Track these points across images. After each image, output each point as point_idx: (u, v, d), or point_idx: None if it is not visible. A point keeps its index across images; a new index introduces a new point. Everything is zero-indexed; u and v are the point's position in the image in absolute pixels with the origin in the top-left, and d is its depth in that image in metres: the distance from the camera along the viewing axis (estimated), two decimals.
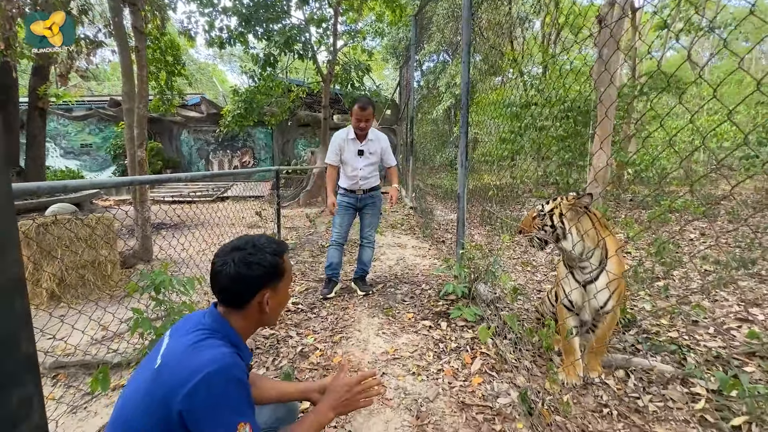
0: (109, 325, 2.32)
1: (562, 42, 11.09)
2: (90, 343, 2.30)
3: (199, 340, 0.87)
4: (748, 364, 1.97)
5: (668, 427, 1.60)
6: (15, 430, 0.56)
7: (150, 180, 1.83)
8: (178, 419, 0.78)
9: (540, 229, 1.90)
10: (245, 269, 0.93)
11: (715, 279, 3.14)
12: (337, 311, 2.72)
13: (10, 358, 0.55)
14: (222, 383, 0.80)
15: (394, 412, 1.65)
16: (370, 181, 3.01)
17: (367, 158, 2.94)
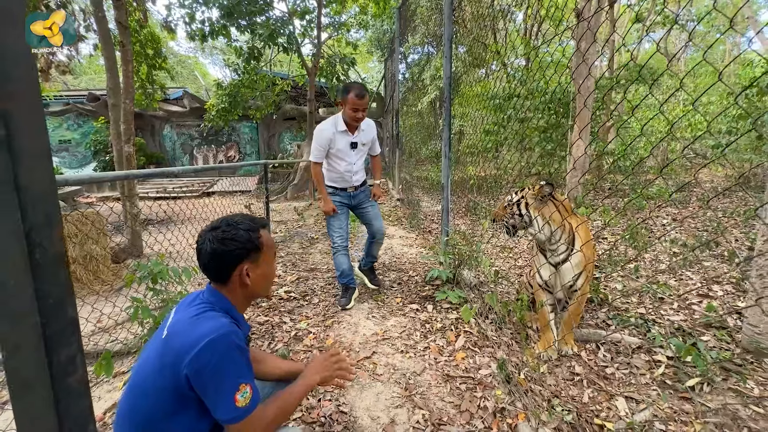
0: (104, 317, 2.38)
1: (543, 35, 11.28)
2: (90, 333, 2.37)
3: (200, 313, 0.97)
4: (704, 334, 2.17)
5: (632, 390, 1.77)
6: (64, 382, 0.68)
7: (145, 174, 1.90)
8: (186, 381, 0.89)
9: (510, 218, 2.07)
10: (220, 246, 1.02)
11: (681, 260, 3.37)
12: (329, 298, 2.83)
13: (59, 322, 0.66)
14: (223, 349, 0.90)
15: (384, 385, 1.79)
16: (361, 176, 2.78)
17: (360, 150, 2.68)
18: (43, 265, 0.63)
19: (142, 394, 0.92)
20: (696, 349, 1.85)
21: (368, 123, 2.70)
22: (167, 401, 0.90)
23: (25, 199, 0.60)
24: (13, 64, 0.59)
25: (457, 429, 1.48)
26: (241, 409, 0.90)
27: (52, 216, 0.65)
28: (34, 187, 0.61)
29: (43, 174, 0.63)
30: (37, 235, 0.62)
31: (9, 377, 0.62)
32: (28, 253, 0.61)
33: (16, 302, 0.61)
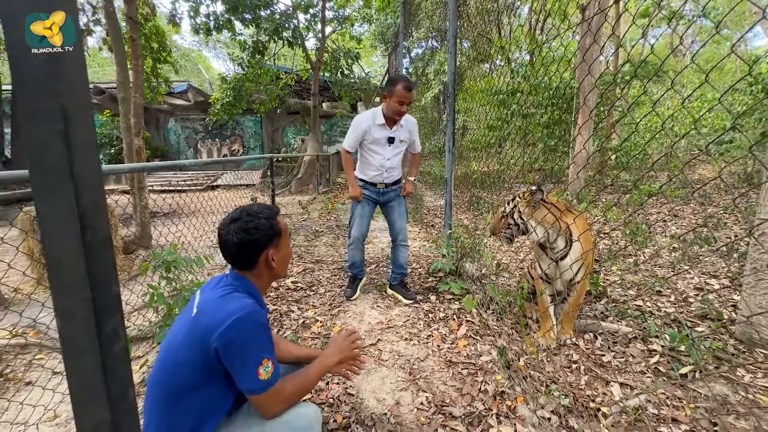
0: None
1: (548, 30, 11.23)
2: None
3: (227, 294, 1.05)
4: (699, 325, 2.24)
5: (627, 377, 1.84)
6: (110, 349, 0.76)
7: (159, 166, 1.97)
8: (215, 355, 0.97)
9: (507, 228, 2.14)
10: (246, 235, 1.10)
11: (680, 255, 3.42)
12: (334, 288, 2.91)
13: (106, 296, 0.75)
14: (249, 326, 0.98)
15: (389, 370, 1.87)
16: (395, 174, 2.68)
17: (397, 147, 2.59)
18: (94, 245, 0.71)
19: (173, 366, 1.00)
20: (689, 339, 1.92)
21: (408, 119, 2.62)
22: (196, 373, 0.98)
23: (78, 186, 0.68)
24: (69, 67, 0.66)
25: (459, 410, 1.56)
26: (263, 381, 0.98)
27: (100, 202, 0.73)
28: (86, 176, 0.69)
29: (92, 164, 0.71)
30: (89, 218, 0.70)
31: (64, 343, 0.70)
32: (81, 234, 0.69)
33: (70, 278, 0.69)
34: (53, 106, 0.63)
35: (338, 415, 1.56)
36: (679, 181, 7.47)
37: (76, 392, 0.71)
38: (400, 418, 1.55)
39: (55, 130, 0.63)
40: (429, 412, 1.57)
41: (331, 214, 6.14)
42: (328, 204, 6.81)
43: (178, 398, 0.98)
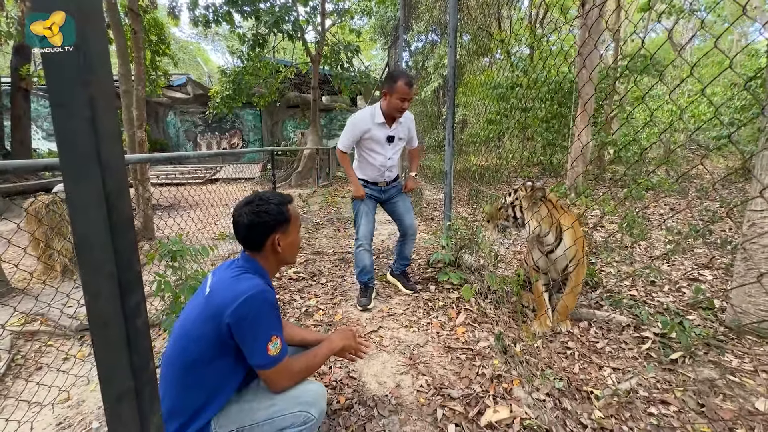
0: None
1: (547, 24, 11.20)
2: None
3: (238, 274, 1.11)
4: (691, 313, 2.31)
5: (619, 363, 1.91)
6: (133, 322, 0.81)
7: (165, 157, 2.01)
8: (227, 330, 1.03)
9: (505, 219, 2.18)
10: (255, 218, 1.16)
11: (675, 247, 3.49)
12: (335, 278, 2.97)
13: (129, 273, 0.80)
14: (259, 303, 1.04)
15: (390, 355, 1.93)
16: (394, 171, 2.63)
17: (397, 144, 2.53)
18: (118, 225, 0.76)
19: (187, 341, 1.06)
20: (681, 326, 1.99)
21: (406, 115, 2.53)
22: (209, 348, 1.04)
23: (104, 170, 0.73)
24: (95, 59, 0.71)
25: (457, 392, 1.62)
26: (272, 357, 1.04)
27: (123, 186, 0.78)
28: (112, 161, 0.74)
29: (117, 150, 0.76)
30: (114, 200, 0.75)
31: (91, 317, 0.76)
32: (108, 215, 0.74)
33: (98, 255, 0.74)
34: (82, 96, 0.68)
35: (341, 396, 1.62)
36: (676, 175, 7.53)
37: (102, 363, 0.77)
38: (400, 399, 1.61)
39: (84, 117, 0.68)
40: (428, 393, 1.63)
41: (331, 207, 6.19)
42: (329, 197, 6.86)
43: (192, 372, 1.04)
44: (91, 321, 0.77)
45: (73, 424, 1.60)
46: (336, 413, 1.53)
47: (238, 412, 1.07)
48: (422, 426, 1.46)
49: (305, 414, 1.08)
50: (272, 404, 1.08)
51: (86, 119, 0.70)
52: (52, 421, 1.61)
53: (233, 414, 1.07)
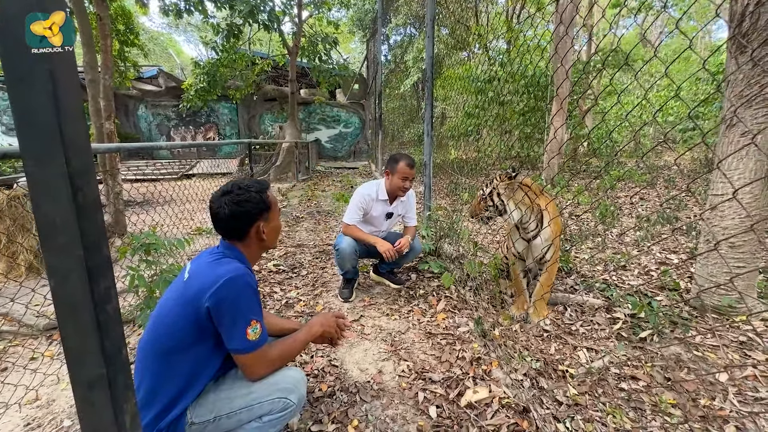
0: None
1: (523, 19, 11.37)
2: None
3: (218, 259, 1.09)
4: (659, 295, 2.42)
5: (592, 343, 1.99)
6: (103, 308, 0.79)
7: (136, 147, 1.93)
8: (206, 314, 1.01)
9: (486, 210, 2.21)
10: (237, 208, 1.13)
11: (644, 233, 3.64)
12: (316, 270, 2.95)
13: (97, 257, 0.77)
14: (239, 286, 1.02)
15: (371, 343, 1.94)
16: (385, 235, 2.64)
17: (394, 219, 2.63)
18: (85, 206, 0.73)
19: (164, 327, 1.03)
20: (649, 307, 2.08)
21: (408, 192, 2.56)
22: (187, 333, 1.02)
23: (68, 149, 0.70)
24: None
25: (438, 375, 1.65)
26: (251, 341, 1.03)
27: (89, 165, 0.75)
28: (76, 139, 0.71)
29: (80, 128, 0.73)
30: (79, 180, 0.72)
31: (58, 302, 0.73)
32: (73, 195, 0.71)
33: (64, 237, 0.71)
34: (41, 69, 0.64)
35: (323, 384, 1.63)
36: (646, 167, 7.84)
37: (71, 349, 0.74)
38: (382, 384, 1.62)
39: (44, 92, 0.65)
40: (410, 378, 1.65)
41: (311, 200, 6.13)
42: (309, 191, 6.79)
43: (168, 358, 1.02)
44: (59, 306, 0.75)
45: (43, 424, 1.54)
46: (318, 401, 1.53)
47: (214, 401, 1.06)
48: (404, 409, 1.48)
49: (284, 400, 1.07)
50: (250, 392, 1.07)
51: (47, 94, 0.67)
52: (19, 422, 1.54)
53: (210, 403, 1.05)
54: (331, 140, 14.04)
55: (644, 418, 1.48)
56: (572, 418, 1.46)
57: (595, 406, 1.54)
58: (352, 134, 14.14)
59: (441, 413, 1.45)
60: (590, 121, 9.92)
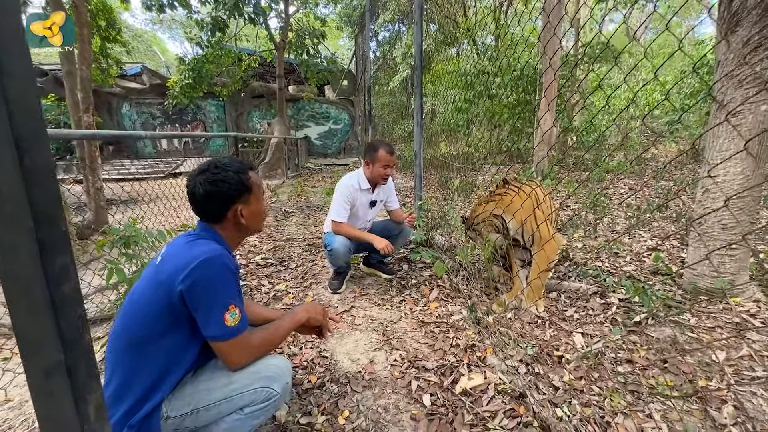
0: None
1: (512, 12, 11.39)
2: None
3: (193, 240, 1.02)
4: (651, 279, 2.40)
5: (587, 328, 1.96)
6: (59, 288, 0.71)
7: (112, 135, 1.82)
8: (179, 298, 0.93)
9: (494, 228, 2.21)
10: (212, 188, 1.06)
11: (635, 221, 3.64)
12: (306, 263, 2.88)
13: (52, 232, 0.69)
14: (216, 268, 0.95)
15: (362, 333, 1.88)
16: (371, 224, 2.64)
17: (377, 207, 2.60)
18: (34, 172, 0.65)
19: (136, 313, 0.96)
20: (643, 290, 2.06)
21: None
22: (160, 320, 0.94)
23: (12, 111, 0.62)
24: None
25: (431, 363, 1.60)
26: (229, 328, 0.95)
27: (39, 129, 0.67)
28: (20, 98, 0.63)
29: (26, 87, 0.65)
30: (26, 144, 0.64)
31: (6, 280, 0.65)
32: (19, 160, 0.64)
33: (10, 207, 0.63)
34: None
35: (312, 376, 1.56)
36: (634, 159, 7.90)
37: (23, 333, 0.67)
38: (374, 374, 1.57)
39: None
40: (402, 367, 1.60)
41: (301, 196, 6.04)
42: (298, 187, 6.69)
43: (141, 347, 0.94)
44: (7, 285, 0.67)
45: (14, 425, 1.45)
46: (307, 392, 1.47)
47: (192, 393, 0.98)
48: (397, 398, 1.43)
49: (267, 390, 1.00)
50: (230, 382, 0.99)
51: None
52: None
53: (187, 395, 0.98)
54: (320, 137, 13.91)
55: (641, 400, 1.45)
56: (569, 403, 1.43)
57: (591, 390, 1.51)
58: (342, 131, 14.04)
59: (435, 401, 1.40)
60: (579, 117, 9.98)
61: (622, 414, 1.37)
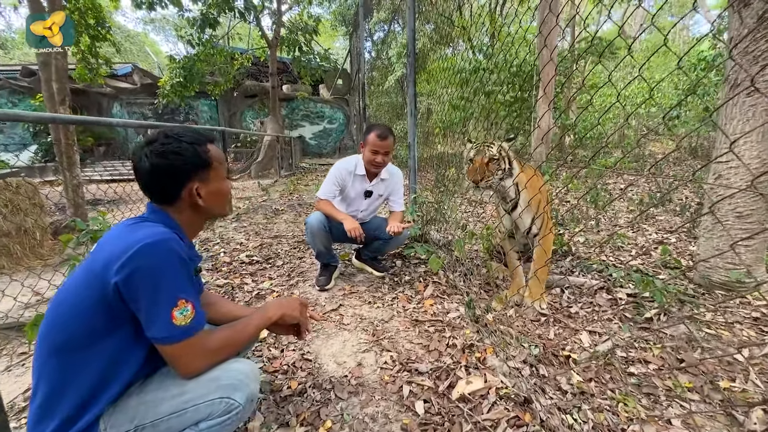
0: (45, 292, 2.17)
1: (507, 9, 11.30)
2: (22, 307, 2.14)
3: (137, 224, 0.85)
4: (660, 273, 2.26)
5: (595, 326, 1.81)
6: None
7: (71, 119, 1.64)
8: (115, 293, 0.77)
9: (495, 173, 1.94)
10: (161, 160, 0.88)
11: (639, 214, 3.51)
12: (293, 260, 2.72)
13: None
14: (161, 254, 0.78)
15: (351, 333, 1.72)
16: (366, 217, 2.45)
17: (375, 200, 2.38)
18: None
19: (65, 312, 0.79)
20: (653, 284, 1.91)
21: (392, 172, 2.36)
22: (94, 319, 0.78)
23: None
24: None
25: (425, 365, 1.44)
26: (178, 328, 0.79)
27: None
28: None
29: None
30: None
31: None
32: None
33: None
34: None
35: (293, 381, 1.40)
36: (633, 156, 7.80)
37: None
38: (361, 379, 1.41)
39: None
40: (393, 370, 1.44)
41: (293, 194, 5.87)
42: (291, 185, 6.53)
43: (72, 354, 0.78)
44: None
45: None
46: (286, 400, 1.30)
47: (137, 406, 0.81)
48: (386, 406, 1.27)
49: (227, 401, 0.83)
50: (182, 392, 0.83)
51: None
52: None
53: (130, 408, 0.81)
54: (315, 137, 13.75)
55: (659, 404, 1.30)
56: (579, 408, 1.27)
57: (603, 393, 1.35)
58: (337, 130, 13.88)
59: (429, 408, 1.24)
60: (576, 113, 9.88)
61: (639, 420, 1.21)
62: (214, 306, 1.19)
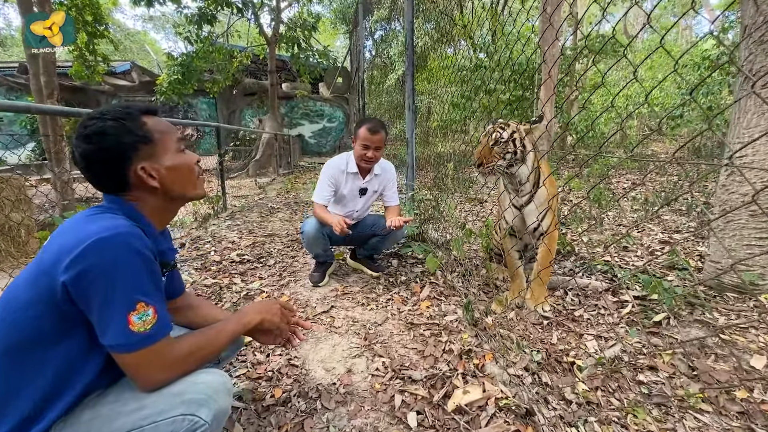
0: None
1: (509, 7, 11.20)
2: None
3: (94, 215, 0.76)
4: (668, 275, 2.16)
5: (600, 330, 1.71)
6: None
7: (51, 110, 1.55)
8: (63, 293, 0.67)
9: (502, 157, 1.76)
10: (87, 145, 0.78)
11: (643, 214, 3.40)
12: (286, 260, 2.62)
13: None
14: (117, 250, 0.69)
15: (341, 337, 1.63)
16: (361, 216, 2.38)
17: (370, 197, 2.30)
18: None
19: (11, 313, 0.70)
20: (662, 286, 1.81)
21: (384, 167, 2.28)
22: (41, 322, 0.68)
23: None
24: None
25: (419, 373, 1.34)
26: (136, 334, 0.69)
27: None
28: None
29: None
30: None
31: None
32: None
33: None
34: None
35: (277, 389, 1.30)
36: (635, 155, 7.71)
37: None
38: (351, 387, 1.31)
39: None
40: (385, 378, 1.34)
41: (290, 192, 5.78)
42: (288, 183, 6.44)
43: (15, 358, 0.68)
44: None
45: None
46: (268, 410, 1.21)
47: (90, 420, 0.72)
48: (376, 417, 1.17)
49: (191, 418, 0.73)
50: (141, 406, 0.73)
51: None
52: None
53: (83, 423, 0.71)
54: (314, 135, 13.65)
55: (671, 416, 1.20)
56: (585, 420, 1.18)
57: (610, 403, 1.26)
58: (337, 129, 13.79)
59: (422, 421, 1.15)
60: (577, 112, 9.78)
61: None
62: (195, 309, 1.09)
